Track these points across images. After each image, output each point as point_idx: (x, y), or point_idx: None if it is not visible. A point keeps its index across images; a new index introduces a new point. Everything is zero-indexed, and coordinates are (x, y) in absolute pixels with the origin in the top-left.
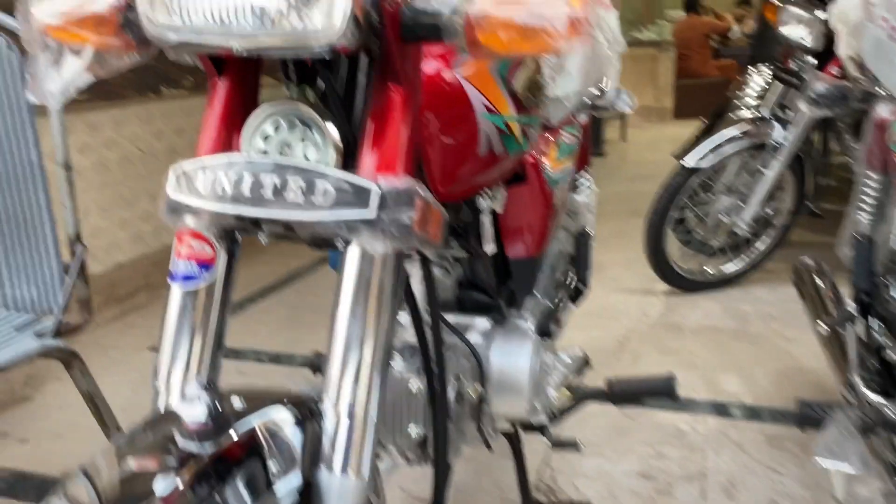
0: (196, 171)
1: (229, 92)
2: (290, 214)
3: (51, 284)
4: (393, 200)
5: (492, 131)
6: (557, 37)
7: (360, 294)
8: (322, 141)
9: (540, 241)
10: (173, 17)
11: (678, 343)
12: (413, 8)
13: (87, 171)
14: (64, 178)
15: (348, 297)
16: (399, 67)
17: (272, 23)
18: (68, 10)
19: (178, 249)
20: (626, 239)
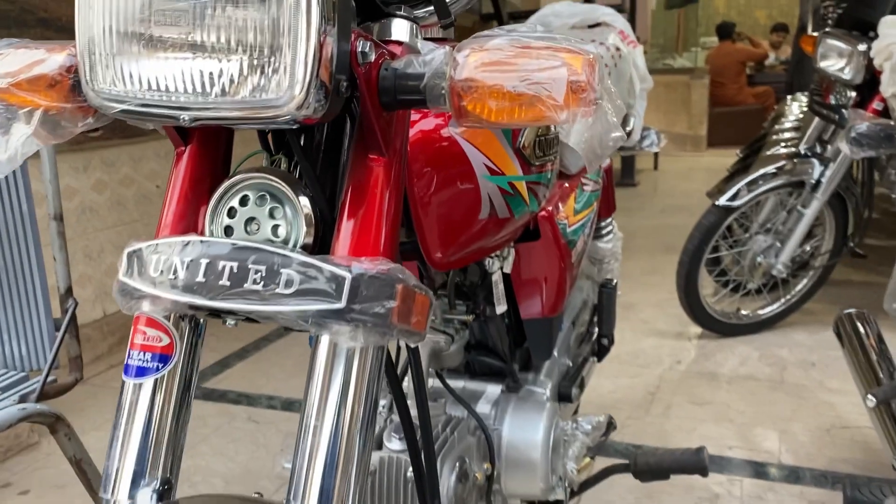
0: (150, 253)
1: (195, 162)
2: (247, 306)
3: (40, 341)
4: (368, 288)
5: (495, 194)
6: (556, 106)
7: (332, 391)
8: (293, 217)
9: (557, 300)
10: (115, 85)
11: (712, 393)
12: (391, 71)
13: (103, 209)
14: (55, 230)
15: (316, 395)
16: (380, 136)
17: (224, 91)
18: (16, 70)
19: (133, 337)
20: (658, 277)
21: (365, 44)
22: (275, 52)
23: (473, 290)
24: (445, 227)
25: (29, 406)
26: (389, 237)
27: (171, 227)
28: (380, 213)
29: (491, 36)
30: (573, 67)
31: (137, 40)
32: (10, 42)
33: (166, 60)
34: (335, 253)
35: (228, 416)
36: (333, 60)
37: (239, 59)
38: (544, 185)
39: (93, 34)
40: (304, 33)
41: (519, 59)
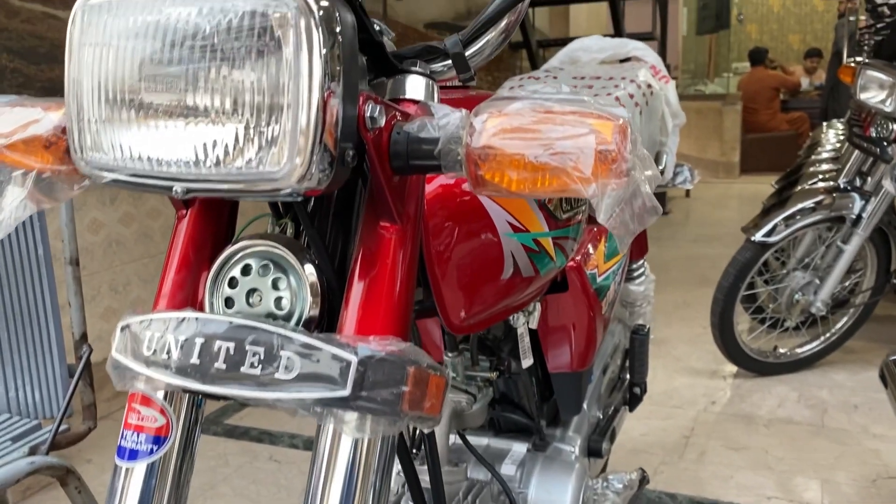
0: (143, 329)
1: (196, 227)
2: (244, 392)
3: (54, 388)
4: (376, 373)
5: (518, 252)
6: (582, 178)
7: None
8: (298, 288)
9: (586, 353)
10: (105, 153)
11: (749, 437)
12: (404, 134)
13: (130, 242)
14: (71, 274)
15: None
16: (392, 202)
17: (219, 163)
18: (11, 130)
19: (126, 416)
20: (691, 311)
21: (374, 107)
22: (273, 117)
23: (497, 344)
24: (465, 289)
25: (38, 459)
26: (401, 312)
27: (170, 298)
28: (391, 286)
29: (511, 98)
30: (602, 135)
31: (128, 107)
32: (8, 99)
33: (157, 129)
34: (342, 329)
35: (250, 454)
36: (338, 126)
37: (234, 127)
38: (572, 238)
39: (82, 99)
40: (306, 95)
41: (542, 126)
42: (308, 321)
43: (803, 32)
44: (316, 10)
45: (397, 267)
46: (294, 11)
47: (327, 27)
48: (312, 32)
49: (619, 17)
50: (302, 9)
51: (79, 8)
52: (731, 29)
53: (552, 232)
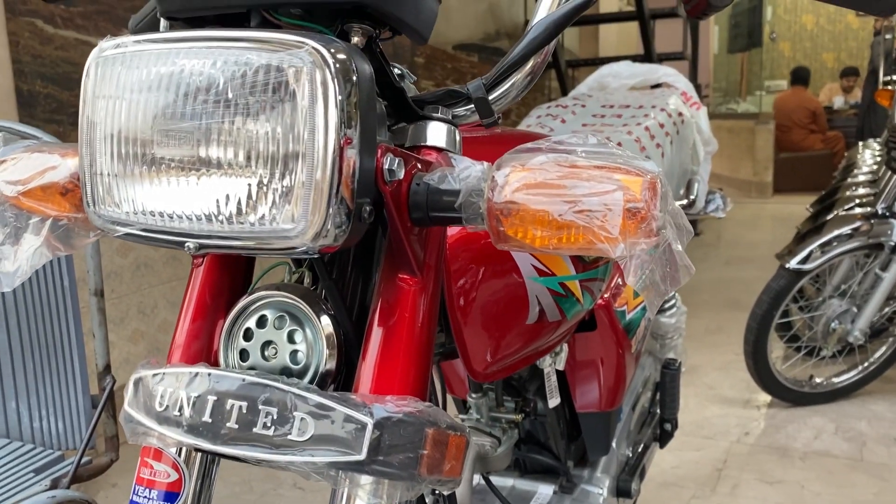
0: (155, 383)
1: (213, 276)
2: (256, 454)
3: (77, 419)
4: (393, 436)
5: (544, 296)
6: (609, 238)
7: None
8: (314, 340)
9: (615, 392)
10: (118, 207)
11: (784, 471)
12: (424, 186)
13: (158, 265)
14: (95, 306)
15: None
16: (411, 255)
17: (232, 219)
18: (28, 177)
19: (139, 471)
20: (723, 336)
21: (392, 160)
22: (288, 170)
23: (523, 383)
24: (489, 335)
25: (59, 493)
26: (419, 369)
27: (184, 349)
28: (409, 341)
29: (534, 150)
30: (630, 191)
31: (140, 162)
32: (26, 145)
33: (170, 184)
34: (359, 387)
35: (274, 481)
36: (355, 179)
37: (248, 181)
38: (600, 279)
39: (95, 153)
40: (321, 147)
41: (566, 181)
42: (324, 375)
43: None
44: (332, 62)
45: (416, 321)
46: (309, 65)
47: (343, 78)
48: (328, 85)
49: (649, 37)
50: (317, 62)
51: (93, 60)
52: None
53: (579, 275)
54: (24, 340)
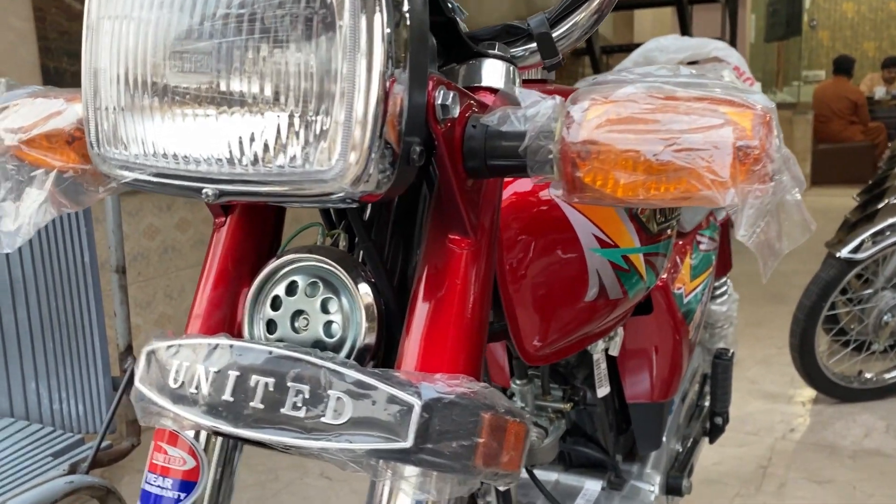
0: (169, 356)
1: (237, 237)
2: (284, 438)
3: (97, 402)
4: (444, 421)
5: (605, 270)
6: (717, 182)
7: None
8: (351, 310)
9: (670, 381)
10: (126, 148)
11: (833, 470)
12: (481, 129)
13: (185, 248)
14: (117, 283)
15: None
16: (464, 211)
17: (257, 160)
18: (30, 124)
19: (151, 456)
20: (764, 330)
21: (447, 94)
22: (324, 106)
23: (571, 370)
24: (543, 313)
25: (77, 478)
26: (473, 344)
27: (204, 320)
28: (461, 313)
29: (618, 82)
30: (741, 127)
31: (151, 92)
32: (30, 90)
33: (185, 119)
34: (402, 363)
35: (301, 470)
36: (403, 117)
37: (276, 117)
38: (662, 255)
39: (98, 84)
40: (364, 80)
41: (661, 115)
42: (362, 351)
43: (879, 39)
44: None
45: (469, 289)
46: None
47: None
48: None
49: (686, 23)
50: None
51: None
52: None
53: (644, 248)
54: (43, 319)
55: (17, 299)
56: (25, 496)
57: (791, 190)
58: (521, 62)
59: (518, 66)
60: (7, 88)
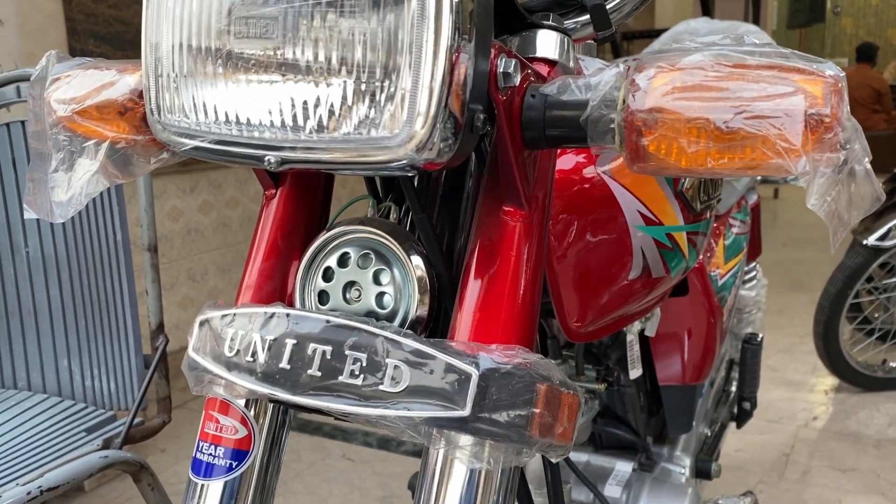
0: (225, 325)
1: (287, 209)
2: (341, 406)
3: (129, 379)
4: (501, 390)
5: (649, 248)
6: (789, 149)
7: None
8: (403, 282)
9: (703, 364)
10: (186, 116)
11: (856, 458)
12: (539, 99)
13: (209, 231)
14: (149, 261)
15: None
16: (520, 183)
17: (322, 127)
18: (83, 95)
19: (203, 425)
20: (785, 318)
21: (508, 62)
22: (390, 74)
23: (604, 351)
24: (587, 290)
25: (111, 453)
26: (527, 317)
27: (255, 290)
28: (514, 285)
29: (682, 51)
30: (812, 95)
31: (213, 59)
32: (81, 61)
33: (249, 85)
34: (455, 334)
35: (323, 451)
36: (468, 85)
37: (342, 84)
38: (703, 234)
39: (160, 51)
40: (431, 50)
41: (730, 83)
42: (414, 322)
43: None
44: None
45: (523, 261)
46: None
47: None
48: None
49: (709, 8)
50: None
51: None
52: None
53: (687, 226)
54: (75, 297)
55: (49, 277)
56: (62, 470)
57: (861, 159)
58: (574, 34)
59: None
60: (58, 60)
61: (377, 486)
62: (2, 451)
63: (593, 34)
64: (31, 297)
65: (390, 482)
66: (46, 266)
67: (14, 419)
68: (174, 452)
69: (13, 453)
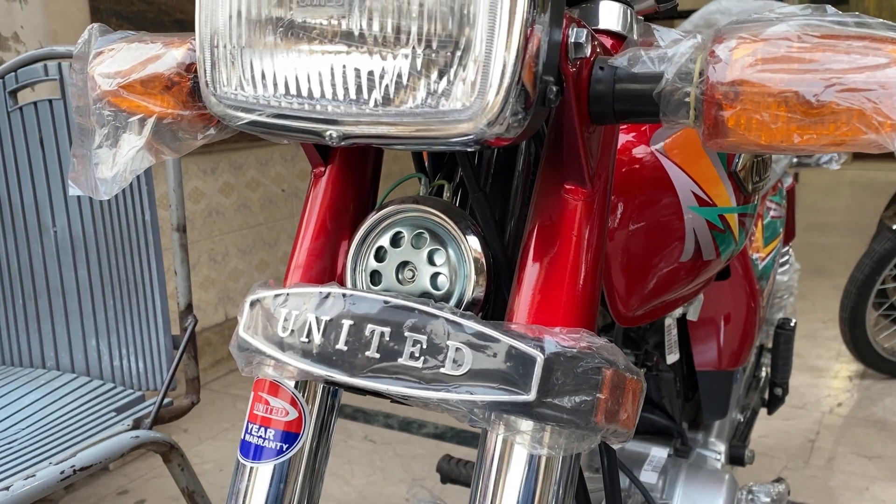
0: (278, 305)
1: (337, 187)
2: (401, 388)
3: (158, 359)
4: (566, 375)
5: (702, 229)
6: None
7: None
8: (458, 263)
9: (741, 350)
10: (244, 88)
11: (883, 445)
12: (609, 71)
13: (229, 212)
14: (178, 241)
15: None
16: (584, 160)
17: (388, 99)
18: (128, 69)
19: (252, 407)
20: (807, 303)
21: (580, 32)
22: (462, 44)
23: (643, 335)
24: (639, 272)
25: (142, 434)
26: (589, 300)
27: (304, 269)
28: (576, 267)
29: (764, 21)
30: None
31: (274, 29)
32: (124, 35)
33: (311, 56)
34: (514, 317)
35: (345, 432)
36: (541, 57)
37: (409, 55)
38: (751, 215)
39: (217, 23)
40: (507, 19)
41: (819, 55)
42: (470, 304)
43: None
44: None
45: (584, 241)
46: None
47: None
48: None
49: None
50: None
51: None
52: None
53: (739, 207)
54: (104, 277)
55: (77, 257)
56: (95, 449)
57: None
58: (636, 5)
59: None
60: (101, 33)
61: (399, 468)
62: (34, 431)
63: (654, 6)
64: (60, 276)
65: (412, 464)
66: (74, 246)
67: (44, 398)
68: (197, 432)
69: (45, 432)
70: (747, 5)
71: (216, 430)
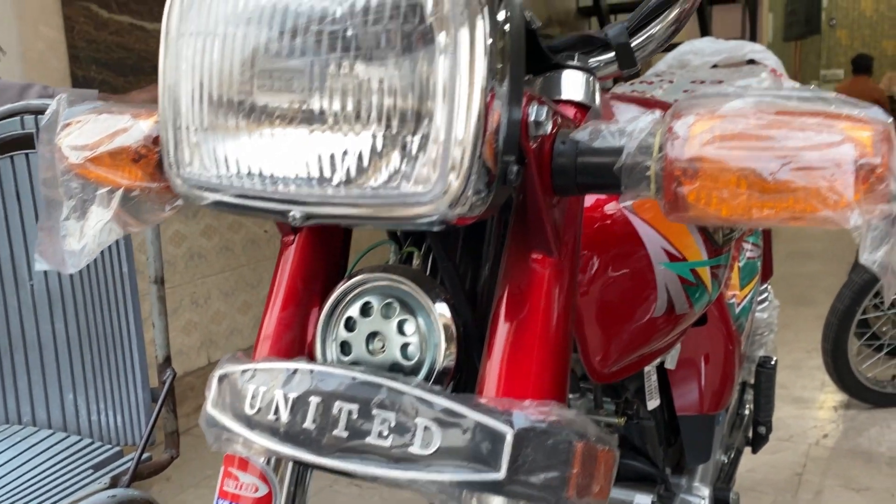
0: (245, 381)
1: (306, 256)
2: (370, 469)
3: (136, 414)
4: (537, 450)
5: (674, 284)
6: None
7: None
8: (428, 332)
9: (721, 393)
10: (207, 169)
11: (870, 477)
12: (570, 146)
13: (211, 255)
14: (156, 294)
15: None
16: (549, 230)
17: (350, 181)
18: (95, 141)
19: (221, 483)
20: (790, 333)
21: (539, 110)
22: (421, 124)
23: (622, 383)
24: (612, 329)
25: (119, 493)
26: (559, 368)
27: (273, 341)
28: (545, 335)
29: (721, 96)
30: (861, 143)
31: (236, 111)
32: (93, 106)
33: (273, 139)
34: (484, 387)
35: (330, 477)
36: (501, 134)
37: (371, 135)
38: (724, 266)
39: (179, 103)
40: (465, 97)
41: (774, 131)
42: (441, 374)
43: None
44: None
45: (553, 309)
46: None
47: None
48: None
49: (706, 22)
50: None
51: None
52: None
53: (711, 260)
54: (81, 330)
55: (55, 311)
56: None
57: None
58: (598, 73)
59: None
60: (69, 105)
61: None
62: (9, 490)
63: (617, 72)
64: (36, 330)
65: None
66: (52, 299)
67: (20, 456)
68: (179, 481)
69: (20, 491)
70: (719, 45)
71: (199, 477)
